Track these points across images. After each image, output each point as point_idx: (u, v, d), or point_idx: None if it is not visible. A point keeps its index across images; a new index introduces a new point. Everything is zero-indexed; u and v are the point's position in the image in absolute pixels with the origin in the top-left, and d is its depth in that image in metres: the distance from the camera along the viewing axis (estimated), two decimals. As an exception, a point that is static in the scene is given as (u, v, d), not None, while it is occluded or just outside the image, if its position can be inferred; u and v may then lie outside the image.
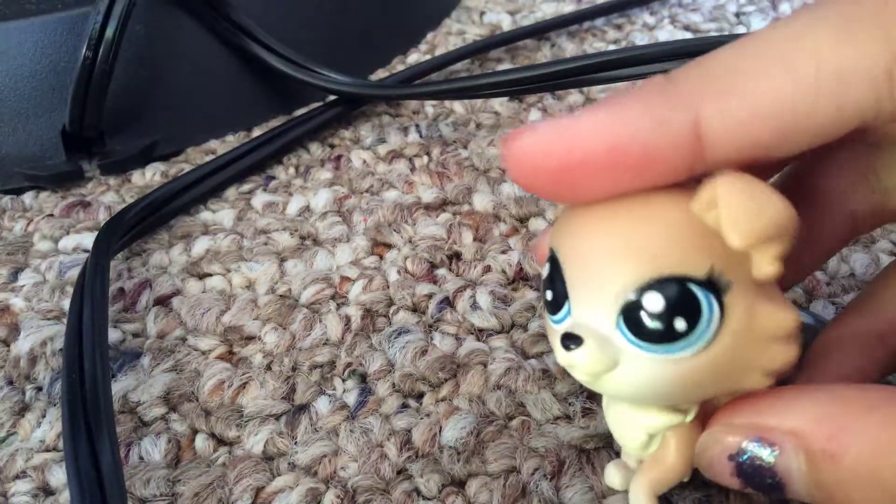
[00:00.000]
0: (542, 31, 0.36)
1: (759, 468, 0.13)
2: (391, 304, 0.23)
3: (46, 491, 0.19)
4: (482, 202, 0.26)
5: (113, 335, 0.22)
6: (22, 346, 0.22)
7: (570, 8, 0.39)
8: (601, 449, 0.18)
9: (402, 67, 0.35)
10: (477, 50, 0.34)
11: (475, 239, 0.25)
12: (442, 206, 0.27)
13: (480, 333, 0.22)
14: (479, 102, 0.32)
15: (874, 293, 0.16)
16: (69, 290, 0.24)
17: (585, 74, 0.26)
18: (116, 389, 0.20)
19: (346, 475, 0.18)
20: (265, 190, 0.28)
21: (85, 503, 0.16)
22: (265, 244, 0.25)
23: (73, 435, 0.17)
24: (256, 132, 0.31)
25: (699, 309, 0.11)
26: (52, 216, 0.28)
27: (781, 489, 0.13)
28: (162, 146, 0.30)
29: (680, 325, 0.11)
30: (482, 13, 0.40)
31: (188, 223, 0.27)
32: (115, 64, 0.27)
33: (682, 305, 0.11)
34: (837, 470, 0.12)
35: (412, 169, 0.29)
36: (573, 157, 0.12)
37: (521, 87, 0.27)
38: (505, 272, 0.24)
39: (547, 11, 0.39)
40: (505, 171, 0.28)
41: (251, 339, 0.22)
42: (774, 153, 0.12)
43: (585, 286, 0.12)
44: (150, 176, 0.29)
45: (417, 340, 0.21)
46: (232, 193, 0.28)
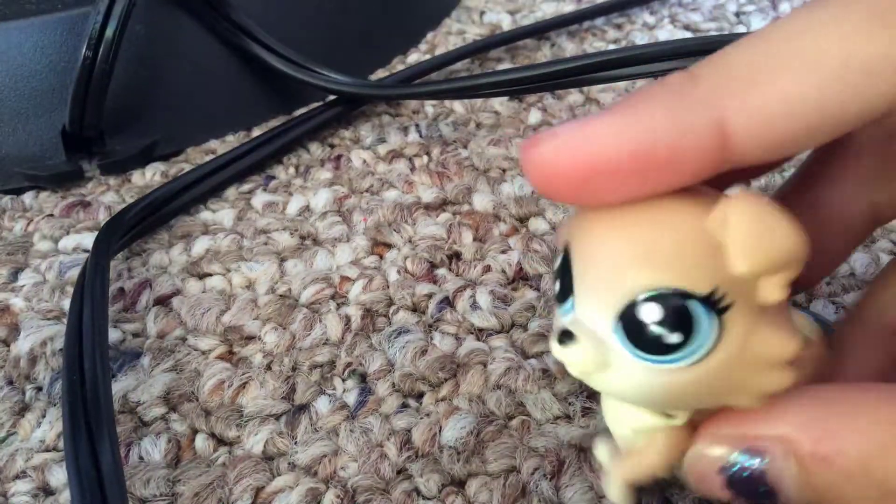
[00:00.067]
0: (542, 30, 0.36)
1: (749, 478, 0.12)
2: (391, 303, 0.23)
3: (46, 491, 0.19)
4: (482, 202, 0.26)
5: (113, 335, 0.22)
6: (22, 346, 0.22)
7: (570, 7, 0.39)
8: (601, 449, 0.18)
9: (402, 67, 0.35)
10: (477, 50, 0.34)
11: (475, 239, 0.25)
12: (442, 205, 0.27)
13: (480, 333, 0.22)
14: (479, 102, 0.32)
15: (888, 285, 0.16)
16: (69, 290, 0.24)
17: (585, 74, 0.26)
18: (116, 389, 0.21)
19: (346, 475, 0.18)
20: (265, 190, 0.28)
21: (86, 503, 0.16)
22: (265, 244, 0.25)
23: (73, 435, 0.17)
24: (256, 132, 0.31)
25: (695, 325, 0.11)
26: (52, 216, 0.28)
27: (774, 496, 0.12)
28: (162, 146, 0.30)
29: (674, 338, 0.11)
30: (482, 13, 0.40)
31: (188, 223, 0.27)
32: (114, 64, 0.27)
33: (678, 319, 0.11)
34: (830, 472, 0.12)
35: (412, 169, 0.29)
36: (596, 165, 0.12)
37: (520, 86, 0.27)
38: (505, 272, 0.24)
39: (547, 11, 0.39)
40: (505, 171, 0.28)
41: (251, 338, 0.22)
42: (802, 148, 0.12)
43: (589, 286, 0.12)
44: (150, 176, 0.29)
45: (417, 340, 0.21)
46: (232, 193, 0.28)
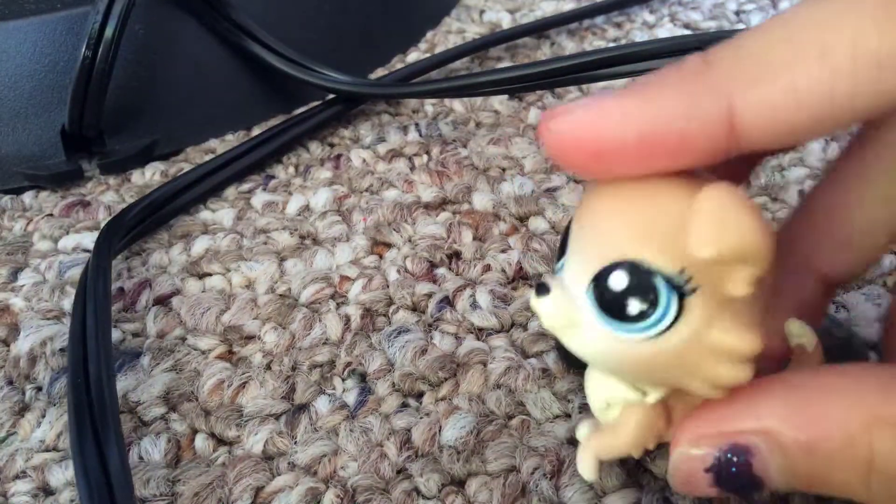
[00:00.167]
0: (541, 29, 0.36)
1: (736, 473, 0.13)
2: (391, 303, 0.23)
3: (46, 491, 0.19)
4: (482, 201, 0.26)
5: (113, 335, 0.22)
6: (22, 345, 0.22)
7: (569, 6, 0.39)
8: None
9: (401, 66, 0.35)
10: (476, 48, 0.34)
11: (475, 238, 0.25)
12: (441, 205, 0.27)
13: (480, 332, 0.22)
14: (478, 101, 0.32)
15: None
16: (69, 289, 0.24)
17: (584, 72, 0.26)
18: (116, 389, 0.20)
19: (345, 475, 0.18)
20: (265, 189, 0.28)
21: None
22: (265, 243, 0.25)
23: (79, 438, 0.17)
24: (256, 131, 0.31)
25: (658, 300, 0.12)
26: (51, 216, 0.28)
27: (761, 487, 0.13)
28: (162, 146, 0.30)
29: (634, 307, 0.12)
30: (482, 11, 0.40)
31: (188, 223, 0.27)
32: (114, 64, 0.27)
33: (642, 291, 0.12)
34: (815, 458, 0.12)
35: (412, 168, 0.29)
36: (605, 143, 0.12)
37: (520, 85, 0.27)
38: (505, 271, 0.24)
39: (547, 10, 0.39)
40: (504, 170, 0.28)
41: (251, 338, 0.22)
42: (811, 137, 0.12)
43: (577, 250, 0.13)
44: (149, 175, 0.29)
45: (417, 340, 0.21)
46: (231, 193, 0.28)
